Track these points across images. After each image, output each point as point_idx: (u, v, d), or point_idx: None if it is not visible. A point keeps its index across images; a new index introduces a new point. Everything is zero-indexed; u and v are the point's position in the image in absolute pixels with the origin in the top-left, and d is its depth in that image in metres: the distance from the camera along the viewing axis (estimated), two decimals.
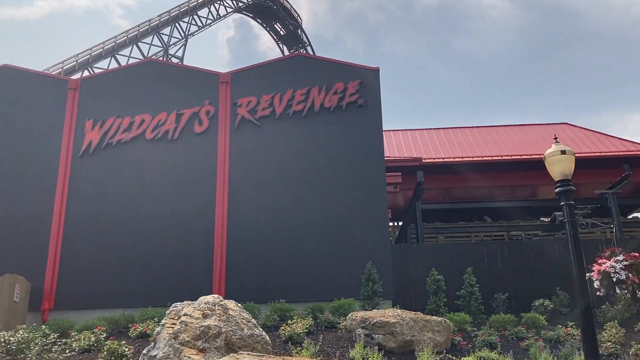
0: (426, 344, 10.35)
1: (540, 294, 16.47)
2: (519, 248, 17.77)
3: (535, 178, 21.54)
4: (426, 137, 27.19)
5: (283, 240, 16.43)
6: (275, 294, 15.13)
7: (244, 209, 16.82)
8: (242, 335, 8.36)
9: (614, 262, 7.62)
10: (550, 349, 11.60)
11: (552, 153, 8.28)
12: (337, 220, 16.57)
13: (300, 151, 17.33)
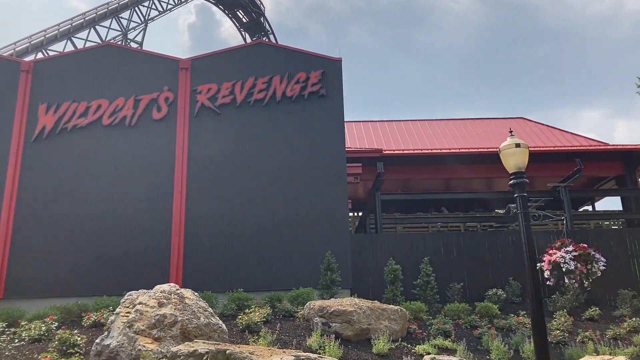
0: (382, 332, 10.49)
1: (493, 283, 16.91)
2: (474, 239, 18.17)
3: (491, 171, 22.00)
4: (387, 129, 27.45)
5: (242, 230, 16.34)
6: (233, 284, 15.07)
7: (203, 198, 16.64)
8: (198, 324, 8.29)
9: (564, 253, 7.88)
10: (502, 337, 11.93)
11: (507, 146, 8.47)
12: (297, 209, 16.58)
13: (261, 140, 17.23)
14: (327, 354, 8.64)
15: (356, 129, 27.17)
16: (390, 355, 9.73)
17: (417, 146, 24.64)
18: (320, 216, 16.56)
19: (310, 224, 16.48)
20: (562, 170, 21.05)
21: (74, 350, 9.11)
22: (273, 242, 16.26)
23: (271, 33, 53.59)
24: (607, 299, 16.97)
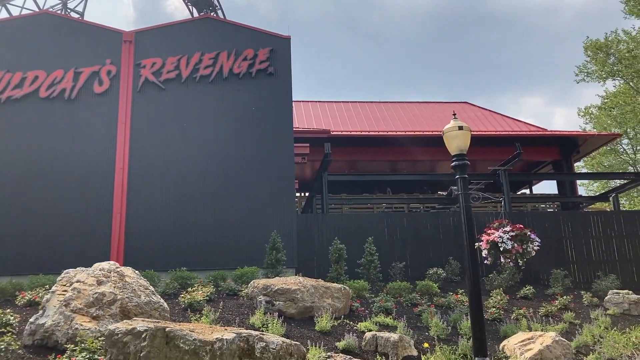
0: (326, 310, 10.61)
1: (434, 263, 17.38)
2: (417, 220, 18.56)
3: (435, 154, 22.47)
4: (335, 109, 27.51)
5: (187, 208, 16.11)
6: (177, 263, 14.86)
7: (146, 175, 16.25)
8: (138, 302, 8.15)
9: (502, 233, 8.17)
10: (441, 314, 12.29)
11: (450, 129, 8.64)
12: (243, 189, 16.46)
13: (207, 117, 16.94)
14: (270, 332, 8.67)
15: (304, 108, 27.11)
16: (333, 333, 9.87)
17: (364, 128, 24.83)
18: (266, 196, 16.51)
19: (257, 203, 16.41)
20: (502, 154, 21.71)
21: (6, 329, 8.75)
22: (218, 221, 16.10)
23: (219, 8, 52.44)
24: (541, 278, 17.77)
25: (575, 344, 10.81)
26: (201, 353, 4.78)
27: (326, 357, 7.69)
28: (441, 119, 25.67)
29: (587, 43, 31.74)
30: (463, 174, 8.48)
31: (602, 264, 18.62)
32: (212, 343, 4.88)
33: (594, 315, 13.80)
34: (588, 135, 24.88)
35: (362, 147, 23.47)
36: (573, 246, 18.69)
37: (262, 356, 5.26)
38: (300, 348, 5.99)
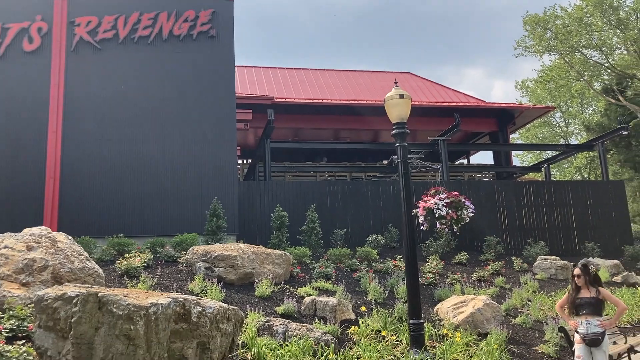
0: (266, 276, 10.66)
1: (374, 230, 17.75)
2: (359, 188, 18.80)
3: (378, 123, 22.72)
4: (279, 76, 27.20)
5: (125, 174, 15.66)
6: (114, 229, 14.53)
7: (81, 139, 15.64)
8: (72, 268, 7.91)
9: (438, 200, 8.38)
10: (379, 279, 12.59)
11: (391, 97, 8.70)
12: (183, 154, 16.14)
13: (146, 80, 16.39)
14: (209, 298, 8.64)
15: (248, 74, 26.67)
16: (273, 298, 9.94)
17: (308, 95, 24.72)
18: (208, 162, 16.26)
19: (198, 169, 16.15)
20: (442, 124, 22.18)
21: None
22: (159, 187, 15.77)
23: None
24: (475, 245, 18.48)
25: (505, 307, 11.34)
26: (135, 318, 4.70)
27: (265, 321, 7.75)
28: (384, 89, 25.84)
29: (527, 17, 32.49)
30: (403, 142, 8.59)
31: (532, 232, 19.52)
32: (146, 308, 4.81)
33: (523, 280, 14.50)
34: (524, 108, 25.73)
35: (306, 114, 23.40)
36: (506, 214, 19.48)
37: (198, 321, 5.23)
38: (238, 312, 6.00)
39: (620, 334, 10.03)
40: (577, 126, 41.58)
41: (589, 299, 6.83)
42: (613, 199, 20.81)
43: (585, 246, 19.51)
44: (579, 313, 6.87)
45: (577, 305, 6.89)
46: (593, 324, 6.67)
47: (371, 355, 6.94)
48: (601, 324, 6.67)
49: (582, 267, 7.06)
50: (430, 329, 8.88)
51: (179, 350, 5.02)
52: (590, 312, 6.77)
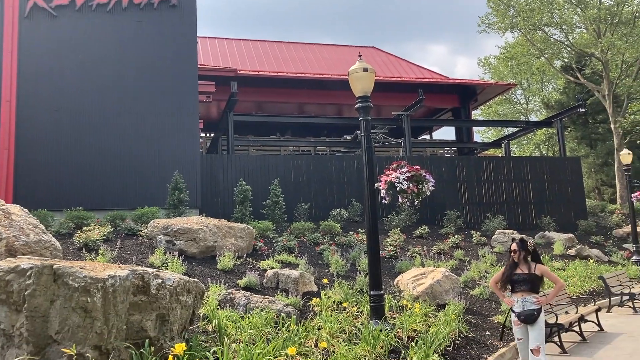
0: (228, 249, 10.62)
1: (338, 204, 17.86)
2: (323, 162, 18.83)
3: (343, 97, 22.67)
4: (243, 48, 26.77)
5: (84, 146, 15.28)
6: (72, 202, 14.20)
7: (37, 108, 15.14)
8: (27, 241, 7.71)
9: (399, 174, 8.44)
10: (341, 252, 12.71)
11: (355, 70, 8.65)
12: (144, 127, 15.81)
13: (105, 49, 15.90)
14: (170, 271, 8.56)
15: (211, 45, 26.15)
16: (235, 271, 9.93)
17: (273, 68, 24.45)
18: (169, 134, 15.98)
19: (159, 142, 15.86)
20: (406, 100, 22.29)
21: None
22: (119, 159, 15.45)
23: None
24: (436, 219, 18.81)
25: (463, 279, 11.62)
26: (92, 290, 4.63)
27: (227, 294, 7.74)
28: (349, 63, 25.69)
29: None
30: (366, 116, 8.58)
31: (491, 206, 19.98)
32: (104, 280, 4.73)
33: (481, 253, 14.87)
34: (486, 85, 26.06)
35: (270, 87, 23.16)
36: (466, 189, 19.85)
37: (158, 293, 5.18)
38: (198, 285, 5.97)
39: (572, 304, 10.42)
40: (537, 103, 42.44)
41: (525, 275, 6.45)
42: (569, 174, 21.42)
43: (542, 220, 20.10)
44: (515, 290, 6.50)
45: (512, 282, 6.52)
46: (529, 302, 6.32)
47: (332, 326, 7.02)
48: (537, 300, 6.32)
49: (519, 243, 6.69)
50: (390, 300, 9.03)
51: (138, 322, 4.98)
52: (527, 289, 6.40)
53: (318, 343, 6.27)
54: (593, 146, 32.09)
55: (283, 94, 23.51)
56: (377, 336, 6.67)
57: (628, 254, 18.11)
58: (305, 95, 23.76)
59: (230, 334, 6.16)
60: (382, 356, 6.49)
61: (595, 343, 9.07)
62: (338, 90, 22.56)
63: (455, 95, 25.80)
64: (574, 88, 31.64)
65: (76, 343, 4.44)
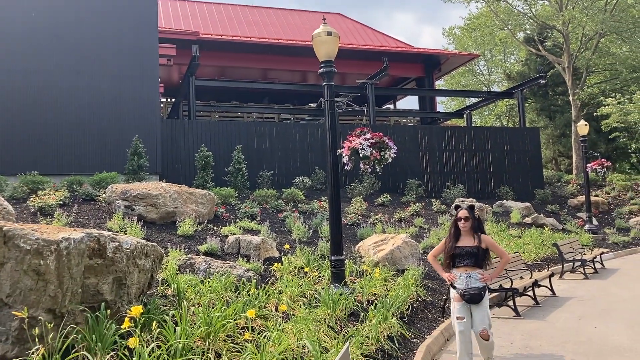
0: (189, 215, 10.50)
1: (301, 172, 17.84)
2: (286, 130, 18.70)
3: (308, 64, 22.44)
4: (206, 11, 26.09)
5: (40, 109, 14.75)
6: (27, 166, 13.78)
7: None
8: None
9: (362, 140, 8.40)
10: (304, 220, 12.75)
11: (319, 34, 8.52)
12: (102, 89, 15.34)
13: (61, 8, 15.24)
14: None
15: (172, 7, 25.38)
16: (196, 237, 9.84)
17: (236, 33, 23.94)
18: (128, 98, 15.56)
19: (118, 106, 15.43)
20: (371, 68, 22.23)
21: None
22: (76, 123, 14.99)
23: None
24: (398, 188, 19.02)
25: (422, 245, 11.83)
26: (45, 253, 4.50)
27: (187, 259, 7.67)
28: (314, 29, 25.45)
29: None
30: (330, 81, 8.50)
31: (452, 175, 20.29)
32: (57, 242, 4.60)
33: (441, 220, 15.15)
34: (450, 54, 26.18)
35: (233, 52, 22.72)
36: (428, 158, 20.08)
37: (114, 256, 5.07)
38: (157, 248, 5.88)
39: (527, 270, 10.75)
40: (499, 75, 42.94)
41: (471, 248, 5.64)
42: (528, 145, 21.87)
43: (501, 189, 20.55)
44: (458, 265, 5.69)
45: (455, 256, 5.70)
46: (474, 278, 5.55)
47: (293, 290, 7.06)
48: (483, 277, 5.56)
49: (469, 210, 5.82)
50: (351, 266, 9.12)
51: (93, 286, 4.88)
52: (472, 263, 5.61)
53: (278, 307, 6.29)
54: (552, 118, 32.77)
55: (247, 59, 23.10)
56: (337, 300, 6.73)
57: (581, 223, 18.74)
58: (269, 61, 23.41)
59: (189, 298, 6.12)
60: (341, 319, 6.57)
61: (548, 307, 9.40)
62: (303, 57, 22.30)
63: (419, 65, 25.85)
64: (535, 60, 32.08)
65: (28, 306, 4.33)
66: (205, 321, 5.05)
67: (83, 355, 4.28)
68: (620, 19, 26.74)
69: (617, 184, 24.64)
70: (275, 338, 5.11)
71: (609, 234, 18.06)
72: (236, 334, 5.31)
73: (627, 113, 23.70)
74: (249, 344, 4.95)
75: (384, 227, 13.28)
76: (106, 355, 4.33)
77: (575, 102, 27.86)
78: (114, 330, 4.54)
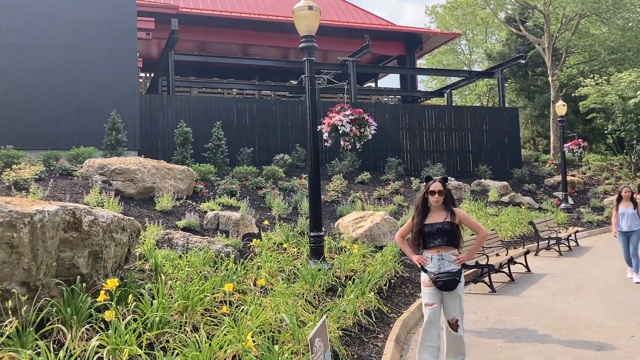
0: (167, 191, 10.42)
1: (282, 149, 17.78)
2: (267, 107, 18.56)
3: (289, 41, 22.22)
4: None
5: (15, 82, 14.43)
6: (2, 140, 13.55)
7: None
8: None
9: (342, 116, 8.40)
10: (284, 196, 12.74)
11: (300, 8, 8.41)
12: (80, 63, 15.04)
13: None
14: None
15: None
16: (174, 212, 9.78)
17: (216, 7, 23.52)
18: (106, 72, 15.28)
19: (96, 80, 15.16)
20: (353, 46, 22.07)
21: None
22: (54, 97, 14.71)
23: None
24: (378, 166, 19.07)
25: (401, 222, 11.88)
26: (19, 225, 4.42)
27: (165, 234, 7.62)
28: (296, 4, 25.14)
29: None
30: (310, 56, 8.43)
31: (432, 154, 20.41)
32: (31, 215, 4.52)
33: None
34: (432, 33, 26.12)
35: (213, 27, 22.38)
36: (408, 137, 20.15)
37: (90, 230, 5.01)
38: (134, 223, 5.83)
39: (503, 247, 10.92)
40: (480, 54, 43.02)
41: (442, 224, 4.88)
42: (507, 125, 22.05)
43: (479, 168, 20.74)
44: (428, 245, 4.93)
45: (425, 235, 4.94)
46: (447, 260, 4.84)
47: (271, 265, 7.07)
48: (457, 258, 4.84)
49: (442, 182, 5.04)
50: (330, 242, 9.17)
51: (69, 259, 4.83)
52: (444, 242, 4.86)
53: (257, 281, 6.31)
54: (531, 98, 33.01)
55: (227, 34, 22.77)
56: (315, 275, 6.77)
57: (557, 202, 19.05)
58: (250, 36, 23.11)
59: (167, 272, 6.10)
60: (319, 294, 6.62)
61: (523, 283, 9.57)
62: (285, 32, 22.07)
63: (401, 43, 25.75)
64: (516, 40, 32.16)
65: (1, 279, 4.27)
66: (182, 295, 5.05)
67: (58, 328, 4.26)
68: (600, 0, 26.86)
69: (593, 164, 25.03)
70: (253, 312, 5.13)
71: (584, 213, 18.39)
72: (214, 308, 5.31)
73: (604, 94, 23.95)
74: (227, 317, 4.96)
75: (363, 204, 13.33)
76: (81, 328, 4.31)
77: (554, 83, 28.08)
78: (90, 304, 4.51)
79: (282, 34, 22.56)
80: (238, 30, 22.64)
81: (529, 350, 5.72)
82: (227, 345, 4.38)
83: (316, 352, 3.72)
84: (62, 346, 4.04)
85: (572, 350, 5.68)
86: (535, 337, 6.24)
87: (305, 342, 4.68)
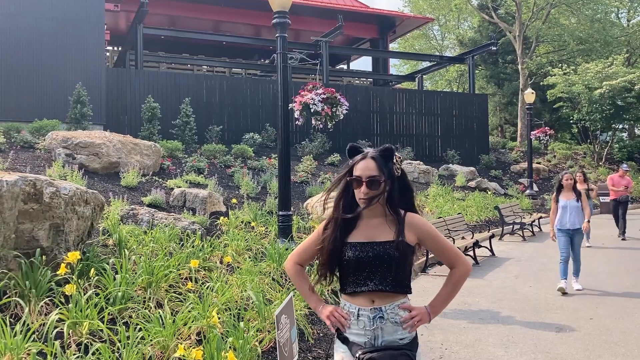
0: (133, 166, 10.21)
1: (251, 128, 17.60)
2: (238, 85, 18.30)
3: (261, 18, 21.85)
4: None
5: None
6: None
7: None
8: None
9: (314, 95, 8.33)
10: (253, 176, 12.64)
11: None
12: (43, 33, 14.53)
13: None
14: None
15: None
16: (140, 188, 9.59)
17: None
18: (72, 44, 14.82)
19: (61, 51, 14.69)
20: (326, 26, 21.85)
21: None
22: (15, 67, 14.19)
23: None
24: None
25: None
26: None
27: (130, 209, 7.46)
28: None
29: None
30: (283, 32, 8.28)
31: (402, 137, 20.49)
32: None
33: None
34: (405, 17, 26.05)
35: (184, 2, 21.83)
36: (379, 120, 20.17)
37: (51, 202, 4.85)
38: (98, 196, 5.67)
39: (469, 231, 11.06)
40: (452, 41, 43.24)
41: (383, 247, 2.35)
42: (476, 111, 22.27)
43: (447, 153, 20.93)
44: (354, 288, 2.45)
45: (349, 265, 2.44)
46: (390, 320, 2.36)
47: (239, 244, 7.00)
48: (410, 317, 2.36)
49: (381, 158, 2.40)
50: (298, 222, 9.13)
51: (28, 232, 4.67)
52: (385, 284, 2.36)
53: (223, 259, 6.23)
54: (500, 85, 33.39)
55: (198, 10, 22.26)
56: (283, 254, 6.72)
57: (522, 188, 19.40)
58: (222, 13, 22.64)
59: (131, 247, 5.97)
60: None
61: (487, 266, 9.72)
62: (258, 10, 21.68)
63: (374, 26, 25.64)
64: (487, 27, 32.40)
65: None
66: (146, 270, 4.95)
67: (15, 302, 4.12)
68: None
69: (558, 153, 25.54)
70: (219, 289, 5.07)
71: (548, 199, 18.77)
72: (179, 285, 5.23)
73: (571, 84, 24.37)
74: (192, 294, 4.88)
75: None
76: (40, 302, 4.18)
77: (523, 71, 28.43)
78: (50, 277, 4.38)
79: (255, 12, 22.17)
80: (209, 6, 22.16)
81: (492, 332, 5.81)
82: (191, 321, 4.31)
83: (282, 328, 3.68)
84: (20, 320, 3.92)
85: (533, 332, 5.79)
86: (498, 318, 6.35)
87: (272, 319, 4.65)
